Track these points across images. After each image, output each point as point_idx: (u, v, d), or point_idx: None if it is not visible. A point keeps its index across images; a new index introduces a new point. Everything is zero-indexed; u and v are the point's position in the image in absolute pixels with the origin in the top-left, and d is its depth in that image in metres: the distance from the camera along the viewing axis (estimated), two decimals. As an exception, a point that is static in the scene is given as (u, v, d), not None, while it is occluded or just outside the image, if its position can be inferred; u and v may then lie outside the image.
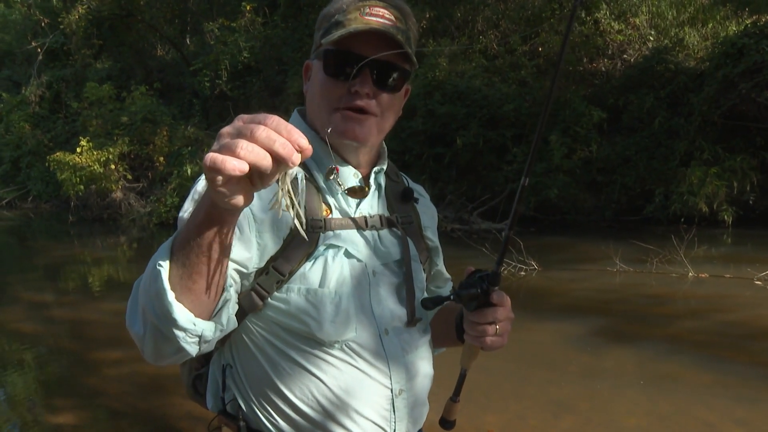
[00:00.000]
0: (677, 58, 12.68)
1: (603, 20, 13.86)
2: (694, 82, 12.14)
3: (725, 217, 10.91)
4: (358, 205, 1.40)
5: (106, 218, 16.93)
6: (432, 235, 1.62)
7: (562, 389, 4.82)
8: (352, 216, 1.39)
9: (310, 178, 1.35)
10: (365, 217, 1.40)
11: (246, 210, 1.24)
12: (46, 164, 17.31)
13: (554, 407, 4.49)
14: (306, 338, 1.31)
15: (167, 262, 1.03)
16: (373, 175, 1.44)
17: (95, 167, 16.06)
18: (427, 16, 15.45)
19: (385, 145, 1.49)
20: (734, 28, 12.74)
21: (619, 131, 12.67)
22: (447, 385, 1.61)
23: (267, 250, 1.29)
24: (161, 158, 17.14)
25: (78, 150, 16.16)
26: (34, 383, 5.89)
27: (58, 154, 16.52)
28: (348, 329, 1.33)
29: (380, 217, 1.43)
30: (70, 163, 15.95)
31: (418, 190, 1.61)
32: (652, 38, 13.67)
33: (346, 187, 1.38)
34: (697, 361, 5.29)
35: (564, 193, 12.12)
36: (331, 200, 1.37)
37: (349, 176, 1.39)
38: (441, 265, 1.68)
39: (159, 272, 1.03)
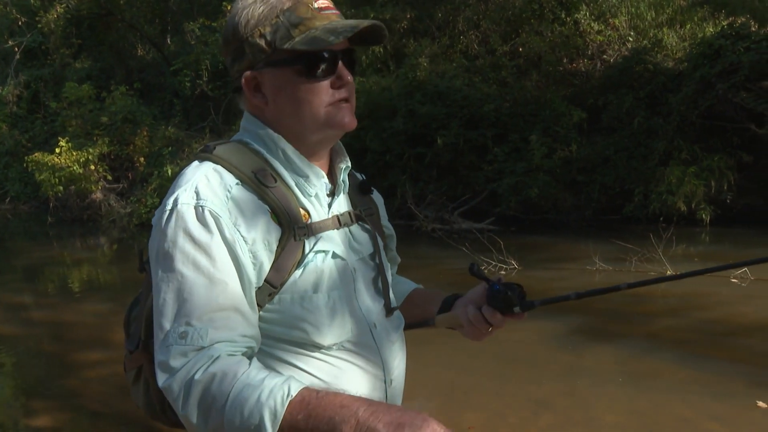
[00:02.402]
0: (656, 58, 12.80)
1: (583, 21, 13.96)
2: (672, 83, 12.25)
3: (703, 216, 11.03)
4: (330, 205, 1.41)
5: (86, 219, 16.77)
6: (387, 223, 1.64)
7: (541, 387, 4.86)
8: (327, 217, 1.39)
9: (284, 184, 1.34)
10: (337, 215, 1.41)
11: (235, 234, 1.24)
12: (24, 165, 17.14)
13: (534, 405, 4.53)
14: (302, 344, 1.31)
15: (273, 431, 1.10)
16: (341, 174, 1.44)
17: (74, 168, 15.89)
18: (408, 16, 15.47)
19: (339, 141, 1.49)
20: (711, 30, 12.87)
21: (599, 131, 12.76)
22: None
23: (263, 268, 1.27)
24: (141, 159, 17.00)
25: (57, 150, 16.00)
26: (13, 385, 5.85)
27: (36, 154, 16.34)
28: (344, 330, 1.34)
29: (349, 213, 1.45)
30: (49, 164, 15.79)
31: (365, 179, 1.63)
32: (631, 39, 13.78)
33: (317, 190, 1.39)
34: (675, 358, 5.36)
35: (544, 193, 12.19)
36: (306, 203, 1.36)
37: (318, 178, 1.39)
38: (394, 250, 1.72)
39: None
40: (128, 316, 1.45)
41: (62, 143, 16.14)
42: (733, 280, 7.37)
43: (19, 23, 22.41)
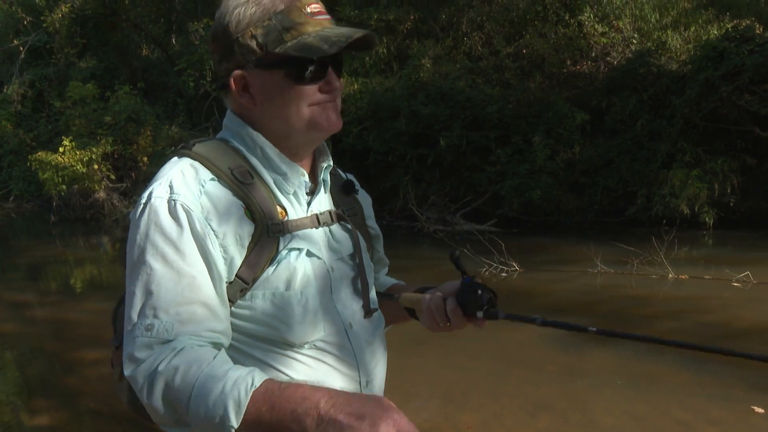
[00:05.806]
0: (660, 60, 12.77)
1: (587, 23, 13.94)
2: (676, 85, 12.21)
3: (706, 218, 11.00)
4: (309, 203, 1.42)
5: (89, 218, 16.81)
6: (373, 224, 1.64)
7: (540, 389, 4.85)
8: (306, 215, 1.40)
9: (262, 181, 1.35)
10: (317, 214, 1.42)
11: (206, 228, 1.25)
12: (28, 164, 17.17)
13: (531, 407, 4.53)
14: (274, 341, 1.31)
15: (237, 422, 1.10)
16: (322, 172, 1.45)
17: (78, 167, 15.94)
18: (412, 17, 15.47)
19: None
20: (716, 32, 12.84)
21: (602, 133, 12.74)
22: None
23: (234, 263, 1.28)
24: (145, 158, 17.03)
25: (60, 149, 16.05)
26: (15, 384, 5.87)
27: (39, 153, 16.38)
28: (317, 329, 1.34)
29: (329, 212, 1.45)
30: (52, 163, 15.83)
31: (353, 179, 1.63)
32: (635, 41, 13.75)
33: (296, 188, 1.39)
34: (675, 361, 5.34)
35: (547, 195, 12.18)
36: (284, 201, 1.37)
37: (298, 176, 1.40)
38: (382, 251, 1.72)
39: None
40: (115, 313, 1.46)
41: (66, 142, 16.19)
42: (735, 284, 7.36)
43: (25, 22, 22.47)
